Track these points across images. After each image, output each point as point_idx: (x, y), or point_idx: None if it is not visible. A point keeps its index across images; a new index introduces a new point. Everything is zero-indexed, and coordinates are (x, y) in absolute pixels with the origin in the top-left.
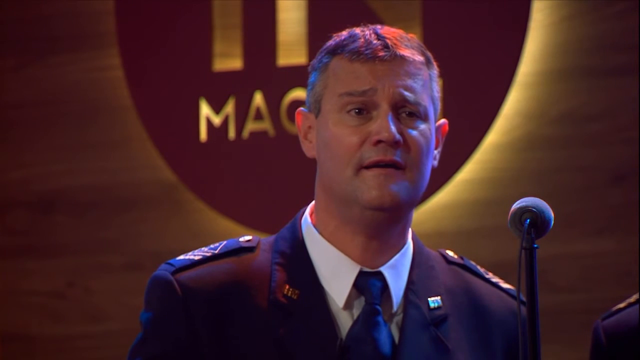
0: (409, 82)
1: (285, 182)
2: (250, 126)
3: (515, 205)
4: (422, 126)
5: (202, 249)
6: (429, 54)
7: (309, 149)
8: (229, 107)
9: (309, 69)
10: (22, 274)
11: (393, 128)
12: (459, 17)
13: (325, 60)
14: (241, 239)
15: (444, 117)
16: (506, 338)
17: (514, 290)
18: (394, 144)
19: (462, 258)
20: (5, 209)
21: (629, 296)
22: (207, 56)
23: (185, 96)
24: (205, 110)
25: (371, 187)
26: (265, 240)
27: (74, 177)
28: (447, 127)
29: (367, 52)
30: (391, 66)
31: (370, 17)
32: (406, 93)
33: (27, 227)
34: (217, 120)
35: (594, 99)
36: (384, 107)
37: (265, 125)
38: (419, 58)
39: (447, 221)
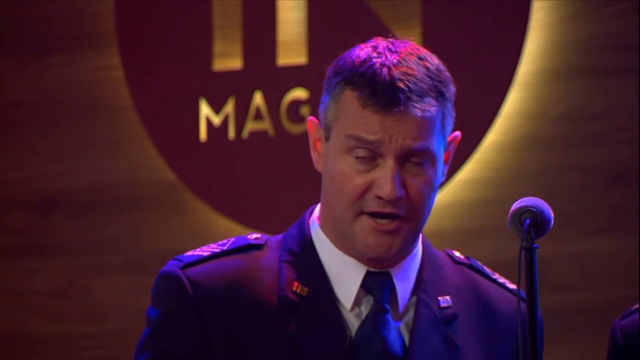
0: (419, 132)
1: (285, 182)
2: (250, 126)
3: (515, 205)
4: (428, 172)
5: (210, 245)
6: (444, 84)
7: (317, 162)
8: (229, 107)
9: (324, 81)
10: (22, 274)
11: (395, 185)
12: (459, 17)
13: (338, 87)
14: (249, 237)
15: None
16: (513, 338)
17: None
18: (395, 200)
19: (468, 258)
20: (5, 209)
21: (629, 296)
22: (207, 56)
23: (185, 96)
24: (205, 110)
25: (369, 235)
26: (273, 238)
27: (74, 177)
28: (460, 138)
29: (380, 102)
30: (401, 122)
31: (370, 17)
32: (414, 144)
33: (27, 227)
34: (217, 120)
35: (594, 99)
36: (389, 161)
37: (265, 125)
38: (432, 106)
39: (447, 221)
